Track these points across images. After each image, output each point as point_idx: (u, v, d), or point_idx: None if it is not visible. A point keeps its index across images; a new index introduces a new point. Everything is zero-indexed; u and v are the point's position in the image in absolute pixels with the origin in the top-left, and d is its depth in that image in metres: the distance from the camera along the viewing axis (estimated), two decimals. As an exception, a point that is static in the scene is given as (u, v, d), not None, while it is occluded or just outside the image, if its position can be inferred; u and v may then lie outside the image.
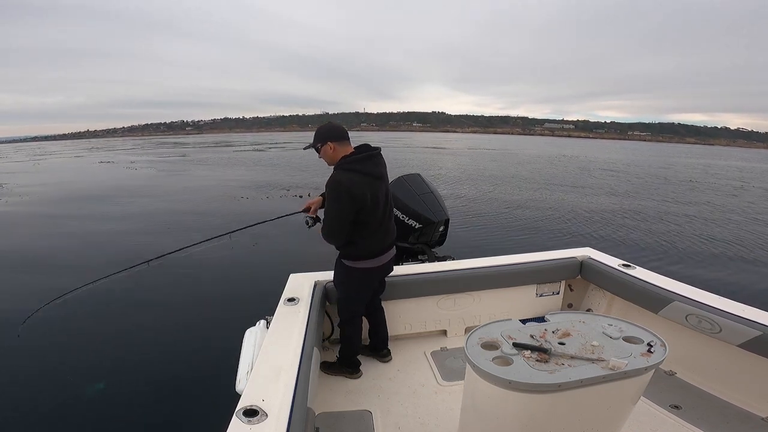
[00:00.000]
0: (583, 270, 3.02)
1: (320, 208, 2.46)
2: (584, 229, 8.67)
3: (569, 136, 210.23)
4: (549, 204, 11.42)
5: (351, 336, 2.53)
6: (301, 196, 12.35)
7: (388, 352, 2.74)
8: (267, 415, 1.40)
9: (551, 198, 12.40)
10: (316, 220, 2.49)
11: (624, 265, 2.83)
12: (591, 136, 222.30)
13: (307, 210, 2.53)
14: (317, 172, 17.73)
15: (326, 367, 2.57)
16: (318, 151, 2.29)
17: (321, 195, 2.46)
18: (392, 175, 2.69)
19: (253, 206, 10.93)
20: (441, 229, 3.42)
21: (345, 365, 2.57)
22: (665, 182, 18.54)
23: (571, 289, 3.19)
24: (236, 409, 1.42)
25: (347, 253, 2.34)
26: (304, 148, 2.41)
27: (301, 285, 2.54)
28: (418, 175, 3.47)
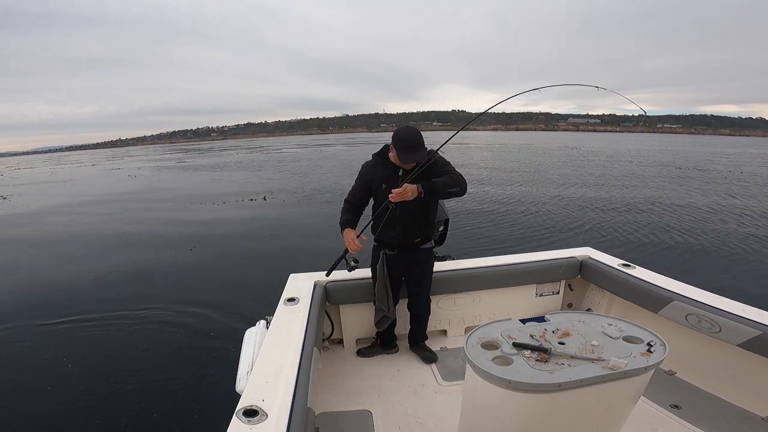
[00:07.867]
0: (583, 270, 2.99)
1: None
2: (584, 229, 8.47)
3: (594, 130, 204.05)
4: (549, 203, 11.18)
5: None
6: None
7: (397, 346, 2.84)
8: (267, 415, 1.40)
9: (551, 197, 12.10)
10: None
11: (624, 264, 2.80)
12: (618, 129, 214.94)
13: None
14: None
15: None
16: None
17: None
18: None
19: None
20: (441, 229, 3.42)
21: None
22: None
23: (571, 289, 3.17)
24: (236, 409, 1.42)
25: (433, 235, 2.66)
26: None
27: (301, 285, 2.57)
28: (418, 175, 3.47)
